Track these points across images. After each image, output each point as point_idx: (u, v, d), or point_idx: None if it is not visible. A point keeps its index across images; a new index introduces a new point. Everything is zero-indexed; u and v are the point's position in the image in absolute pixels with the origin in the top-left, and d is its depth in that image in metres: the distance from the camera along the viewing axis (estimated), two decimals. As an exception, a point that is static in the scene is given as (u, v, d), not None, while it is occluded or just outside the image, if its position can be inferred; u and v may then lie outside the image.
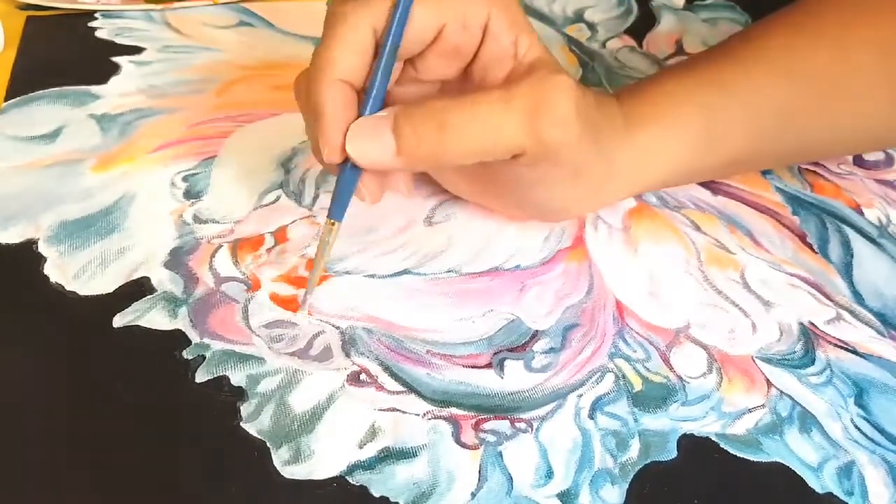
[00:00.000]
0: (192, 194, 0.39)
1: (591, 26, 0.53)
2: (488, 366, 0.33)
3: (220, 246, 0.36)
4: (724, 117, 0.37)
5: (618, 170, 0.36)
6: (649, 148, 0.36)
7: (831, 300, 0.37)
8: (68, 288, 0.34)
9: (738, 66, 0.38)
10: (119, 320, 0.33)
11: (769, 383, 0.33)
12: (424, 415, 0.31)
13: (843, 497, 0.30)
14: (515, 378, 0.33)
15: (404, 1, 0.30)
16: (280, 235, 0.37)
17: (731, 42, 0.40)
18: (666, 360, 0.34)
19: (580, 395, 0.32)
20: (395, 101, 0.33)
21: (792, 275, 0.38)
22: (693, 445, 0.31)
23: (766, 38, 0.39)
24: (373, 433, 0.30)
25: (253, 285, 0.35)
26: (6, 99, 0.43)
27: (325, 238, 0.32)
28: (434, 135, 0.30)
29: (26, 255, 0.35)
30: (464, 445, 0.30)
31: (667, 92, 0.37)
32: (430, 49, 0.32)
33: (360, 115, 0.31)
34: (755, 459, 0.31)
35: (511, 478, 0.29)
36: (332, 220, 0.32)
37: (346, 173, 0.31)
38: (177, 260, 0.36)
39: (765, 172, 0.43)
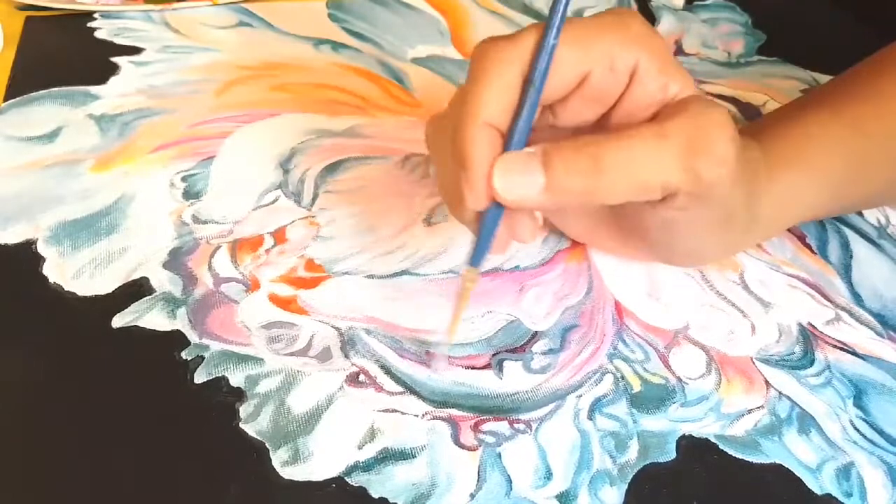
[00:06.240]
0: (191, 195, 0.39)
1: (591, 27, 0.53)
2: (487, 367, 0.33)
3: (219, 246, 0.36)
4: (863, 160, 0.36)
5: (759, 215, 0.34)
6: (789, 193, 0.35)
7: (830, 301, 0.37)
8: (67, 288, 0.34)
9: (872, 104, 0.37)
10: (118, 321, 0.33)
11: (768, 384, 0.33)
12: (423, 416, 0.31)
13: (841, 498, 0.30)
14: (514, 379, 0.32)
15: (550, 37, 0.28)
16: (279, 236, 0.37)
17: (862, 75, 0.39)
18: (665, 361, 0.34)
19: (579, 396, 0.32)
20: (530, 145, 0.31)
21: (791, 276, 0.38)
22: (692, 446, 0.31)
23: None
24: (372, 434, 0.30)
25: (252, 286, 0.35)
26: (5, 99, 0.43)
27: (466, 285, 0.31)
28: (587, 171, 0.28)
29: (25, 256, 0.35)
30: (463, 446, 0.30)
31: (809, 134, 0.36)
32: (574, 93, 0.30)
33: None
34: (754, 461, 0.31)
35: (510, 479, 0.29)
36: (474, 269, 0.31)
37: (488, 220, 0.30)
38: (176, 260, 0.36)
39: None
